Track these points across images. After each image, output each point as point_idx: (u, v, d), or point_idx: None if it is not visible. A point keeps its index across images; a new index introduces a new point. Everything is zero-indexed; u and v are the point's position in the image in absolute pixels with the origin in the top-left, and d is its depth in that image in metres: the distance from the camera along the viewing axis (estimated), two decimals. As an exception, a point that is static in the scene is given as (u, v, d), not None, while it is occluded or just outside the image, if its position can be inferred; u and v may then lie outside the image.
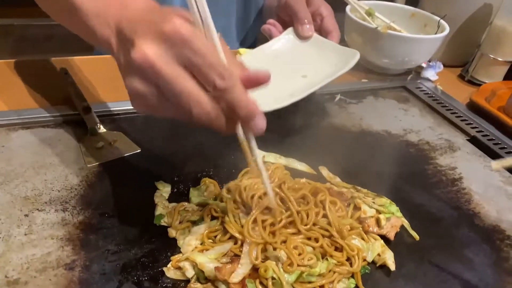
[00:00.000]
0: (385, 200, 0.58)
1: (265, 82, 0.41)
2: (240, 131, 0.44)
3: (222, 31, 0.82)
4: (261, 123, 0.41)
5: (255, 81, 0.40)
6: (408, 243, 0.54)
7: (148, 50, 0.37)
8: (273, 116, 0.73)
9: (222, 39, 0.41)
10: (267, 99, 0.64)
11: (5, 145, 0.61)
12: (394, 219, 0.56)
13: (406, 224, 0.56)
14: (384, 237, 0.53)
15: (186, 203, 0.55)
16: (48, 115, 0.67)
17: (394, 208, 0.57)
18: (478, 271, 0.52)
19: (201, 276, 0.46)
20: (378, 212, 0.55)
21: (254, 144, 0.45)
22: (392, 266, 0.50)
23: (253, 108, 0.40)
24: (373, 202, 0.56)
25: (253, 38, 1.13)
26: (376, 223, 0.54)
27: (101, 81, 0.78)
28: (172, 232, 0.51)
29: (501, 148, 0.75)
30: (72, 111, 0.68)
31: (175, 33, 0.36)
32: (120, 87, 0.77)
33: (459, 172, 0.68)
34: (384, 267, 0.50)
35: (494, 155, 0.73)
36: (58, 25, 0.60)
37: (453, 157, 0.72)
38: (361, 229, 0.53)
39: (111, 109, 0.71)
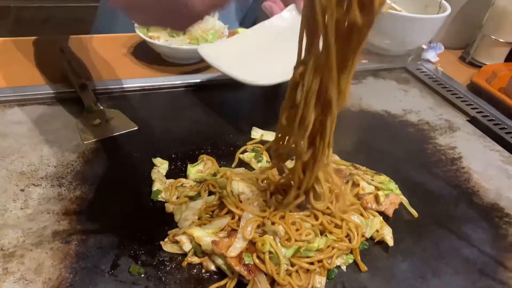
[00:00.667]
0: (384, 178, 0.57)
1: None
2: None
3: (223, 12, 0.81)
4: None
5: None
6: (406, 220, 0.54)
7: None
8: (273, 96, 0.73)
9: None
10: (270, 74, 0.64)
11: (1, 121, 0.61)
12: (393, 196, 0.55)
13: (405, 201, 0.56)
14: (383, 214, 0.53)
15: (184, 179, 0.54)
16: (44, 92, 0.66)
17: (393, 185, 0.57)
18: (476, 247, 0.52)
19: (198, 250, 0.46)
20: (377, 189, 0.55)
21: None
22: (390, 242, 0.50)
23: None
24: (372, 180, 0.56)
25: (253, 18, 1.12)
26: (374, 199, 0.54)
27: (99, 60, 0.77)
28: (169, 207, 0.50)
29: (501, 129, 0.74)
30: (68, 89, 0.68)
31: None
32: (117, 66, 0.77)
33: (459, 152, 0.68)
34: (382, 243, 0.50)
35: (494, 136, 0.73)
36: (54, 7, 0.59)
37: (452, 137, 0.71)
38: (360, 205, 0.53)
39: (109, 87, 0.70)
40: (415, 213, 0.55)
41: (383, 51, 0.94)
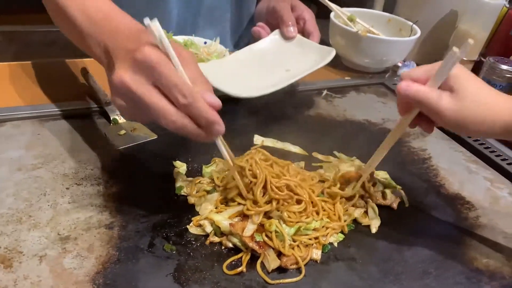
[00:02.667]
0: (384, 173, 0.70)
1: (217, 108, 0.50)
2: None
3: (219, 37, 0.93)
4: (218, 129, 0.50)
5: (210, 104, 0.49)
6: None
7: (124, 75, 0.48)
8: (272, 109, 0.84)
9: (194, 56, 0.52)
10: (255, 88, 0.76)
11: (40, 133, 0.71)
12: (397, 192, 0.67)
13: (404, 196, 0.67)
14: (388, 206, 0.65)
15: (201, 178, 0.65)
16: (73, 108, 0.77)
17: (392, 183, 0.68)
18: (442, 227, 0.64)
19: (218, 231, 0.56)
20: (384, 186, 0.66)
21: (219, 144, 0.56)
22: (373, 230, 0.61)
23: (212, 118, 0.49)
24: (384, 179, 0.68)
25: (245, 42, 1.24)
26: (382, 195, 0.65)
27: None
28: (190, 200, 0.61)
29: (465, 133, 0.87)
30: (93, 105, 0.78)
31: (145, 60, 0.47)
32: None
33: (429, 153, 0.80)
34: (368, 226, 0.61)
35: (458, 139, 0.85)
36: (59, 32, 0.69)
37: (424, 141, 0.84)
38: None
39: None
40: (407, 203, 0.66)
41: (363, 68, 1.07)
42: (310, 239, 0.56)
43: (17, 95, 0.79)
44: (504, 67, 0.87)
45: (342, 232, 0.60)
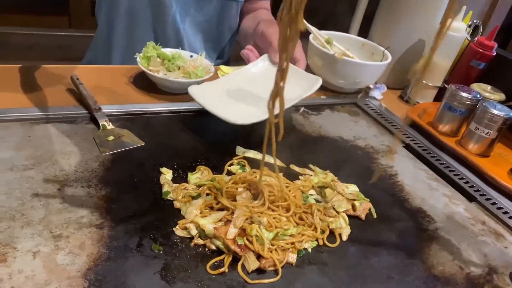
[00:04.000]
0: (354, 187, 0.76)
1: None
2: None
3: (203, 51, 0.98)
4: None
5: None
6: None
7: None
8: (254, 124, 0.89)
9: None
10: (245, 115, 0.80)
11: (31, 135, 0.73)
12: (365, 203, 0.73)
13: (372, 207, 0.73)
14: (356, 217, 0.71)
15: (186, 184, 0.69)
16: (63, 113, 0.80)
17: (361, 195, 0.74)
18: (405, 238, 0.70)
19: (202, 234, 0.60)
20: (353, 199, 0.72)
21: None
22: (344, 237, 0.67)
23: None
24: (350, 193, 0.73)
25: (227, 56, 1.30)
26: (352, 207, 0.71)
27: (104, 86, 0.91)
28: (176, 204, 0.65)
29: (427, 153, 0.95)
30: (83, 111, 0.81)
31: None
32: (121, 93, 0.91)
33: (395, 170, 0.87)
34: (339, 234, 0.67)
35: (422, 159, 0.93)
36: (40, 35, 0.73)
37: (391, 159, 0.91)
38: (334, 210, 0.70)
39: (116, 110, 0.84)
40: (375, 215, 0.73)
41: (338, 89, 1.14)
42: (287, 243, 0.61)
43: (7, 98, 0.81)
44: (464, 94, 0.96)
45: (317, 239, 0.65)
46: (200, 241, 0.60)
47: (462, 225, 0.76)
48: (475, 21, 1.08)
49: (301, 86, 0.90)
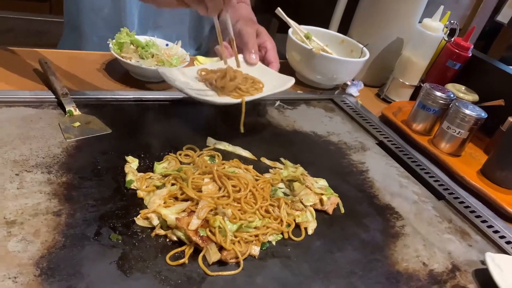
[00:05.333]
0: (324, 182, 0.75)
1: None
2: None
3: (179, 38, 0.96)
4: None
5: None
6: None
7: None
8: (225, 115, 0.88)
9: None
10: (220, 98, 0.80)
11: (-8, 118, 0.71)
12: (333, 198, 0.73)
13: (340, 202, 0.73)
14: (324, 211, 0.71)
15: (151, 173, 0.68)
16: (29, 96, 0.77)
17: (330, 190, 0.74)
18: (371, 233, 0.70)
19: (164, 225, 0.59)
20: (321, 194, 0.72)
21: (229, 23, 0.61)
22: (310, 231, 0.66)
23: None
24: (319, 188, 0.73)
25: (207, 47, 1.28)
26: (320, 202, 0.71)
27: (74, 72, 0.89)
28: (140, 193, 0.64)
29: (400, 151, 0.95)
30: (50, 95, 0.79)
31: None
32: (91, 79, 0.89)
33: (367, 166, 0.87)
34: (305, 228, 0.67)
35: (395, 156, 0.93)
36: (18, 19, 0.71)
37: (363, 155, 0.91)
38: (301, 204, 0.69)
39: (85, 96, 0.82)
40: (342, 210, 0.72)
41: (315, 84, 1.14)
42: (250, 236, 0.60)
43: (-31, 79, 0.79)
44: (438, 93, 0.96)
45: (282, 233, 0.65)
46: (161, 232, 0.59)
47: (429, 222, 0.76)
48: (452, 21, 1.09)
49: (273, 84, 0.89)
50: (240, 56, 0.95)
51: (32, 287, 0.48)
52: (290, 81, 0.89)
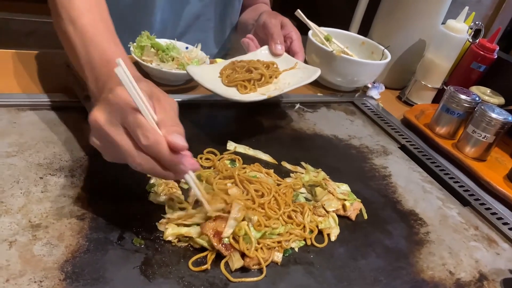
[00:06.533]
0: (346, 187, 0.74)
1: (181, 149, 0.50)
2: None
3: (201, 43, 0.96)
4: (183, 170, 0.51)
5: (172, 146, 0.49)
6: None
7: (98, 114, 0.50)
8: (247, 118, 0.88)
9: (171, 101, 0.55)
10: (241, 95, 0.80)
11: (16, 121, 0.71)
12: (356, 204, 0.71)
13: (363, 208, 0.72)
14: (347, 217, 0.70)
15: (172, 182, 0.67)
16: (52, 100, 0.78)
17: (352, 195, 0.73)
18: (395, 240, 0.68)
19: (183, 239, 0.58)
20: (344, 199, 0.71)
21: (189, 179, 0.55)
22: (332, 238, 0.65)
23: (172, 161, 0.49)
24: (341, 193, 0.72)
25: (227, 49, 1.28)
26: (342, 207, 0.70)
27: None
28: (158, 199, 0.63)
29: (423, 155, 0.93)
30: (72, 99, 0.79)
31: (115, 101, 0.50)
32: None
33: (389, 171, 0.86)
34: (328, 234, 0.66)
35: (417, 160, 0.91)
36: (39, 22, 0.71)
37: (385, 159, 0.89)
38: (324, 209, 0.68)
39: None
40: (365, 216, 0.71)
41: (335, 86, 1.12)
42: (273, 242, 0.60)
43: (-5, 83, 0.80)
44: (462, 96, 0.94)
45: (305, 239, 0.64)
46: (182, 244, 0.58)
47: (454, 229, 0.74)
48: (477, 22, 1.06)
49: (299, 76, 0.89)
50: (266, 47, 0.95)
51: (57, 292, 0.48)
52: (316, 72, 0.88)
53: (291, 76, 0.90)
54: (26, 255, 0.51)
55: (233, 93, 0.82)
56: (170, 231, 0.58)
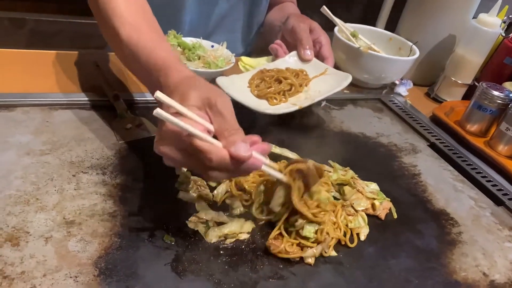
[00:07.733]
0: (375, 186, 0.73)
1: (245, 160, 0.48)
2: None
3: (227, 43, 0.96)
4: (251, 168, 0.50)
5: (236, 159, 0.48)
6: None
7: (162, 148, 0.51)
8: (273, 117, 0.88)
9: (228, 102, 0.52)
10: (272, 107, 0.80)
11: (49, 120, 0.73)
12: (385, 203, 0.70)
13: (392, 207, 0.71)
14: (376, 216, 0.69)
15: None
16: (82, 99, 0.80)
17: (382, 194, 0.72)
18: (426, 240, 0.67)
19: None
20: (373, 198, 0.70)
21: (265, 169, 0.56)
22: (362, 237, 0.64)
23: (243, 168, 0.49)
24: (370, 192, 0.71)
25: (252, 47, 1.28)
26: (371, 206, 0.69)
27: (127, 75, 0.91)
28: (186, 196, 0.64)
29: (454, 154, 0.91)
30: (102, 98, 0.81)
31: (168, 136, 0.49)
32: (135, 82, 0.90)
33: (419, 169, 0.84)
34: (357, 234, 0.65)
35: (448, 159, 0.89)
36: (67, 22, 0.71)
37: (415, 157, 0.88)
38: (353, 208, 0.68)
39: (136, 98, 0.83)
40: (395, 215, 0.70)
41: (362, 83, 1.11)
42: (313, 243, 0.59)
43: (28, 82, 0.82)
44: (495, 93, 0.91)
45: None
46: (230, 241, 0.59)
47: (488, 229, 0.72)
48: (510, 16, 1.03)
49: (330, 83, 0.88)
50: (294, 53, 0.94)
51: (91, 287, 0.49)
52: (347, 78, 0.87)
53: (321, 82, 0.89)
54: (62, 251, 0.52)
55: (263, 106, 0.82)
56: (213, 233, 0.59)
